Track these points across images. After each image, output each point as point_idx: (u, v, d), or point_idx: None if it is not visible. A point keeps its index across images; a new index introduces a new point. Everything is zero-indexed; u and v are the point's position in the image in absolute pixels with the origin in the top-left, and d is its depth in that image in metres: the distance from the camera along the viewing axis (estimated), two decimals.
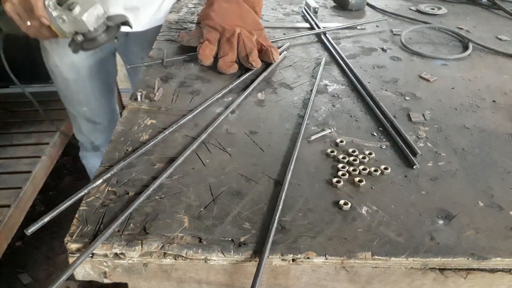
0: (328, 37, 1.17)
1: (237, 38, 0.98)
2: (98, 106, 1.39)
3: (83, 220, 0.60)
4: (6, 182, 1.60)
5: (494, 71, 1.04)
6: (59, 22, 0.80)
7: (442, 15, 1.37)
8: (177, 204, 0.63)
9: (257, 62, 0.97)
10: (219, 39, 0.99)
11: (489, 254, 0.57)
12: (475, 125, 0.84)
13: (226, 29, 0.99)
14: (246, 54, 0.97)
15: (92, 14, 0.79)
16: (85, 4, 0.79)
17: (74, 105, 1.38)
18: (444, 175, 0.71)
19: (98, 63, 1.31)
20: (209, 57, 0.98)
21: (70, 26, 0.81)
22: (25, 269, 1.68)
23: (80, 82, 1.31)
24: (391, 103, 0.90)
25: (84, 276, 0.58)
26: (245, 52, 0.97)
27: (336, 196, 0.65)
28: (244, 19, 1.02)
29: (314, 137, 0.78)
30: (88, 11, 0.78)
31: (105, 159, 0.71)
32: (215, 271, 0.58)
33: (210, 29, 1.00)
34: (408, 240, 0.59)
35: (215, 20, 1.00)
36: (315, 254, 0.56)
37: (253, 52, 0.97)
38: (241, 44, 0.98)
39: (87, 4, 0.79)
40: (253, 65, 0.97)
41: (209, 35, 0.99)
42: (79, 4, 0.78)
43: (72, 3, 0.78)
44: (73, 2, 0.78)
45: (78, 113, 1.40)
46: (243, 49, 0.97)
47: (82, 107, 1.37)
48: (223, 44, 0.99)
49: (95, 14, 0.79)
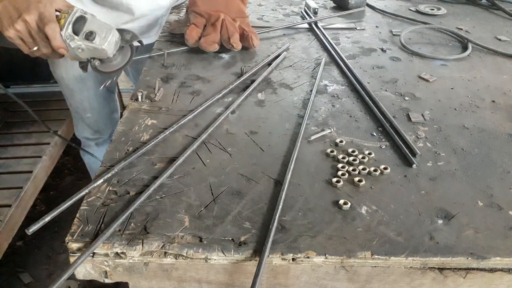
0: (321, 28, 1.20)
1: (220, 23, 1.05)
2: (101, 110, 1.40)
3: (84, 219, 0.60)
4: (7, 182, 1.60)
5: (494, 71, 1.05)
6: (77, 52, 0.79)
7: (441, 16, 1.38)
8: (177, 204, 0.63)
9: (237, 44, 1.05)
10: (205, 24, 1.07)
11: (489, 254, 0.57)
12: (475, 125, 0.84)
13: (211, 15, 1.06)
14: (228, 37, 1.04)
15: (111, 42, 0.78)
16: (103, 32, 0.77)
17: (78, 111, 1.40)
18: (444, 175, 0.71)
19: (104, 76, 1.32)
20: (195, 37, 1.06)
21: (88, 53, 0.80)
22: (26, 269, 1.68)
23: (85, 92, 1.32)
24: (391, 103, 0.90)
25: (85, 275, 0.58)
26: (227, 35, 1.05)
27: (336, 196, 0.66)
28: (229, 7, 1.08)
29: (314, 137, 0.78)
30: (108, 39, 0.77)
31: (105, 159, 0.71)
32: (215, 271, 0.58)
33: (196, 15, 1.07)
34: (408, 239, 0.59)
35: (201, 7, 1.07)
36: (315, 253, 0.56)
37: (234, 35, 1.05)
38: (224, 28, 1.05)
39: (104, 32, 0.77)
40: (233, 46, 1.05)
41: (195, 20, 1.07)
42: (97, 33, 0.77)
43: (91, 33, 0.77)
44: (91, 32, 0.77)
45: (81, 116, 1.41)
46: (225, 32, 1.05)
47: (87, 113, 1.39)
48: (208, 27, 1.06)
49: (114, 41, 0.78)
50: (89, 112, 1.38)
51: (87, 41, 0.77)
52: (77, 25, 0.77)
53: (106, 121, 1.45)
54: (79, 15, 0.78)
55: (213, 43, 1.04)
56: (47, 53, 0.82)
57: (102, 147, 1.50)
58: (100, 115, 1.41)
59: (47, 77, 2.05)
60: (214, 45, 1.04)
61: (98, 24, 0.78)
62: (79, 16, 0.78)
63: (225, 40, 1.05)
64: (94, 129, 1.45)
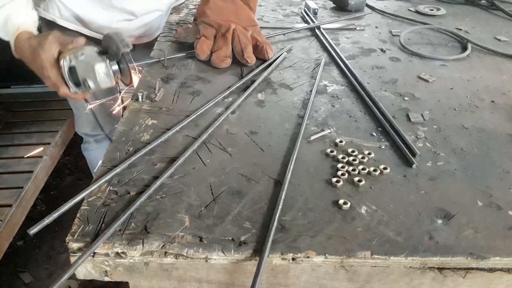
0: (323, 32, 1.19)
1: (231, 33, 1.01)
2: (100, 106, 1.40)
3: (85, 219, 0.60)
4: (7, 182, 1.60)
5: (493, 71, 1.05)
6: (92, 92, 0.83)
7: (441, 16, 1.38)
8: (178, 204, 0.63)
9: (251, 59, 1.00)
10: (215, 35, 1.03)
11: (488, 254, 0.57)
12: (474, 125, 0.84)
13: (222, 25, 1.02)
14: (241, 50, 1.00)
15: (101, 77, 0.79)
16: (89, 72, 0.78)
17: (77, 107, 1.40)
18: (443, 175, 0.71)
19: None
20: (206, 51, 1.01)
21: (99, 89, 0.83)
22: (26, 268, 1.68)
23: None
24: (390, 103, 0.90)
25: (86, 275, 0.59)
26: (240, 47, 1.00)
27: (335, 196, 0.66)
28: (239, 16, 1.05)
29: (313, 137, 0.78)
30: (98, 78, 0.79)
31: (106, 159, 0.71)
32: (216, 270, 0.59)
33: (206, 25, 1.04)
34: (407, 239, 0.59)
35: (211, 17, 1.03)
36: (314, 253, 0.57)
37: (247, 48, 1.00)
38: (236, 39, 1.01)
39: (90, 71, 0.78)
40: (248, 62, 1.00)
41: (205, 31, 1.02)
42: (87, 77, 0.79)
43: (84, 83, 0.79)
44: (83, 81, 0.79)
45: (80, 113, 1.42)
46: (238, 44, 1.00)
47: (85, 110, 1.39)
48: (218, 39, 1.02)
49: (103, 73, 0.79)
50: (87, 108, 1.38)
51: (87, 89, 0.81)
52: (73, 76, 0.80)
53: (105, 118, 1.44)
54: (67, 69, 0.80)
55: (225, 58, 1.00)
56: None
57: (101, 144, 1.50)
58: (99, 111, 1.41)
59: None
60: (226, 60, 1.00)
61: (84, 69, 0.79)
62: (68, 67, 0.79)
63: (238, 53, 1.01)
64: (93, 126, 1.45)
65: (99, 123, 1.40)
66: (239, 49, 1.00)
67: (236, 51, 1.01)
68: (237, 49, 1.01)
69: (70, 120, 1.88)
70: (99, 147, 1.52)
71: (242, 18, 1.05)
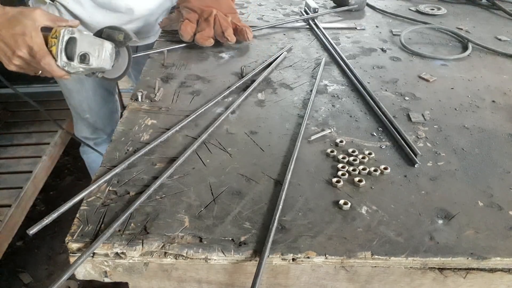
0: (321, 28, 1.20)
1: (213, 18, 1.06)
2: (100, 110, 1.40)
3: (84, 219, 0.60)
4: (7, 182, 1.60)
5: (494, 71, 1.05)
6: (78, 73, 0.81)
7: (441, 16, 1.38)
8: (177, 204, 0.63)
9: (232, 37, 1.07)
10: (198, 20, 1.08)
11: (489, 254, 0.57)
12: (475, 125, 0.84)
13: (204, 10, 1.07)
14: (222, 31, 1.06)
15: (106, 57, 0.79)
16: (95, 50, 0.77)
17: (77, 111, 1.40)
18: (444, 175, 0.71)
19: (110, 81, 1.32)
20: (190, 32, 1.07)
21: (88, 71, 0.82)
22: (25, 269, 1.68)
23: (84, 93, 1.32)
24: (391, 103, 0.90)
25: (85, 275, 0.58)
26: (220, 30, 1.06)
27: (336, 196, 0.66)
28: (219, 3, 1.10)
29: (314, 137, 0.78)
30: (102, 57, 0.78)
31: (105, 159, 0.71)
32: (215, 271, 0.58)
33: (189, 10, 1.08)
34: (408, 239, 0.59)
35: (193, 2, 1.08)
36: (315, 253, 0.56)
37: (228, 29, 1.07)
38: (217, 23, 1.06)
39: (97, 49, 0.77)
40: (228, 39, 1.07)
41: (188, 16, 1.08)
42: (90, 53, 0.77)
43: (84, 56, 0.77)
44: (84, 55, 0.77)
45: (80, 117, 1.42)
46: (219, 27, 1.06)
47: (85, 114, 1.39)
48: (201, 23, 1.08)
49: (109, 55, 0.79)
50: (87, 113, 1.38)
51: (83, 64, 0.78)
52: (69, 48, 0.77)
53: (105, 121, 1.45)
54: (68, 38, 0.77)
55: (208, 38, 1.06)
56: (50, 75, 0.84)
57: (100, 147, 1.50)
58: (98, 116, 1.41)
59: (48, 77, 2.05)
60: (209, 40, 1.06)
61: (88, 42, 0.78)
62: (68, 38, 0.77)
63: (219, 34, 1.07)
64: (93, 129, 1.45)
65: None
66: (220, 32, 1.06)
67: (217, 34, 1.07)
68: (218, 31, 1.07)
69: (70, 120, 1.88)
70: (98, 150, 1.52)
71: (223, 6, 1.10)
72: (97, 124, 1.43)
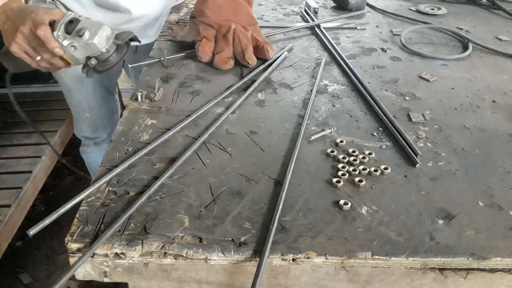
0: (321, 28, 1.19)
1: (232, 34, 1.00)
2: (99, 110, 1.40)
3: (84, 220, 0.60)
4: (6, 182, 1.60)
5: (494, 71, 1.05)
6: (71, 50, 0.81)
7: (442, 15, 1.37)
8: (177, 204, 0.63)
9: (252, 60, 1.00)
10: (215, 36, 1.02)
11: (489, 254, 0.57)
12: (475, 125, 0.84)
13: (222, 26, 1.01)
14: (242, 51, 0.99)
15: (102, 36, 0.79)
16: (93, 28, 0.79)
17: (77, 111, 1.40)
18: (444, 175, 0.71)
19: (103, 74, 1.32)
20: (208, 53, 1.00)
21: (82, 51, 0.81)
22: (25, 269, 1.68)
23: (84, 92, 1.32)
24: (391, 103, 0.90)
25: (85, 276, 0.58)
26: (240, 48, 0.99)
27: (336, 196, 0.65)
28: (238, 14, 1.04)
29: (314, 137, 0.78)
30: (98, 34, 0.78)
31: (105, 159, 0.71)
32: (215, 271, 0.58)
33: (206, 26, 1.02)
34: (408, 240, 0.59)
35: (210, 17, 1.02)
36: (315, 254, 0.56)
37: (248, 49, 0.99)
38: (236, 40, 1.00)
39: (95, 27, 0.79)
40: (249, 63, 0.99)
41: (205, 33, 1.02)
42: (87, 28, 0.78)
43: (81, 29, 0.78)
44: (82, 28, 0.78)
45: (80, 116, 1.42)
46: (238, 45, 1.00)
47: (85, 113, 1.39)
48: (219, 41, 1.01)
49: (105, 35, 0.80)
50: (87, 112, 1.38)
51: (78, 37, 0.78)
52: (70, 27, 0.79)
53: (105, 121, 1.45)
54: (72, 18, 0.79)
55: (228, 59, 0.99)
56: (49, 59, 0.83)
57: (100, 146, 1.50)
58: (98, 115, 1.41)
59: (47, 77, 2.04)
60: (229, 62, 0.99)
61: (90, 23, 0.79)
62: (72, 18, 0.79)
63: (239, 54, 1.00)
64: (93, 129, 1.45)
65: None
66: (240, 50, 1.00)
67: (236, 52, 1.01)
68: (237, 50, 1.00)
69: (69, 120, 1.88)
70: (98, 150, 1.51)
71: (242, 17, 1.04)
72: (97, 123, 1.43)
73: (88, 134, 1.47)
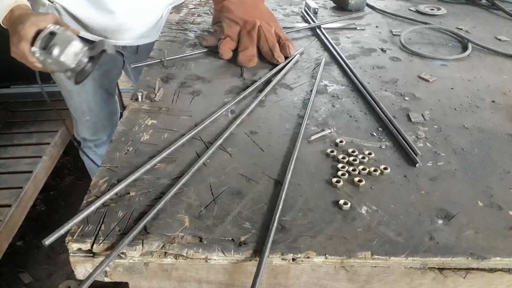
0: (324, 32, 1.19)
1: (257, 31, 1.00)
2: (99, 112, 1.40)
3: (84, 219, 0.60)
4: (7, 182, 1.60)
5: (494, 71, 1.05)
6: (47, 64, 0.83)
7: (441, 16, 1.38)
8: (177, 204, 0.63)
9: (282, 58, 1.01)
10: (239, 32, 1.02)
11: (489, 254, 0.57)
12: (475, 125, 0.84)
13: (247, 21, 1.01)
14: (270, 49, 0.99)
15: (69, 53, 0.81)
16: (63, 44, 0.80)
17: (77, 113, 1.40)
18: (444, 175, 0.71)
19: (103, 75, 1.32)
20: (229, 51, 1.02)
21: (57, 66, 0.83)
22: (26, 269, 1.68)
23: (83, 94, 1.32)
24: (391, 103, 0.90)
25: (85, 275, 0.58)
26: (268, 47, 1.00)
27: (336, 196, 0.66)
28: (260, 10, 1.04)
29: (314, 137, 0.78)
30: (64, 51, 0.80)
31: (105, 159, 0.71)
32: (215, 271, 0.58)
33: (230, 23, 1.02)
34: (408, 239, 0.59)
35: (235, 12, 1.02)
36: (315, 253, 0.56)
37: (275, 47, 1.00)
38: (262, 37, 1.00)
39: (65, 43, 0.80)
40: (278, 61, 1.00)
41: (229, 31, 1.02)
42: (57, 45, 0.80)
43: (52, 46, 0.80)
44: (53, 45, 0.80)
45: (80, 119, 1.42)
46: (265, 43, 1.00)
47: (85, 116, 1.39)
48: (243, 38, 1.01)
49: (72, 52, 0.81)
50: (87, 115, 1.38)
51: (48, 54, 0.81)
52: (48, 40, 0.82)
53: (104, 123, 1.45)
54: (51, 30, 0.82)
55: (252, 57, 0.99)
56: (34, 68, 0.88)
57: (100, 148, 1.50)
58: (98, 118, 1.41)
59: (47, 77, 2.04)
60: (253, 59, 0.99)
61: (62, 38, 0.81)
62: (51, 30, 0.82)
63: (267, 53, 1.00)
64: (93, 131, 1.45)
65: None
66: (268, 49, 1.00)
67: (264, 51, 1.01)
68: (265, 49, 1.00)
69: (70, 120, 1.88)
70: (97, 151, 1.51)
71: (263, 12, 1.04)
72: (97, 125, 1.43)
73: (88, 136, 1.47)
